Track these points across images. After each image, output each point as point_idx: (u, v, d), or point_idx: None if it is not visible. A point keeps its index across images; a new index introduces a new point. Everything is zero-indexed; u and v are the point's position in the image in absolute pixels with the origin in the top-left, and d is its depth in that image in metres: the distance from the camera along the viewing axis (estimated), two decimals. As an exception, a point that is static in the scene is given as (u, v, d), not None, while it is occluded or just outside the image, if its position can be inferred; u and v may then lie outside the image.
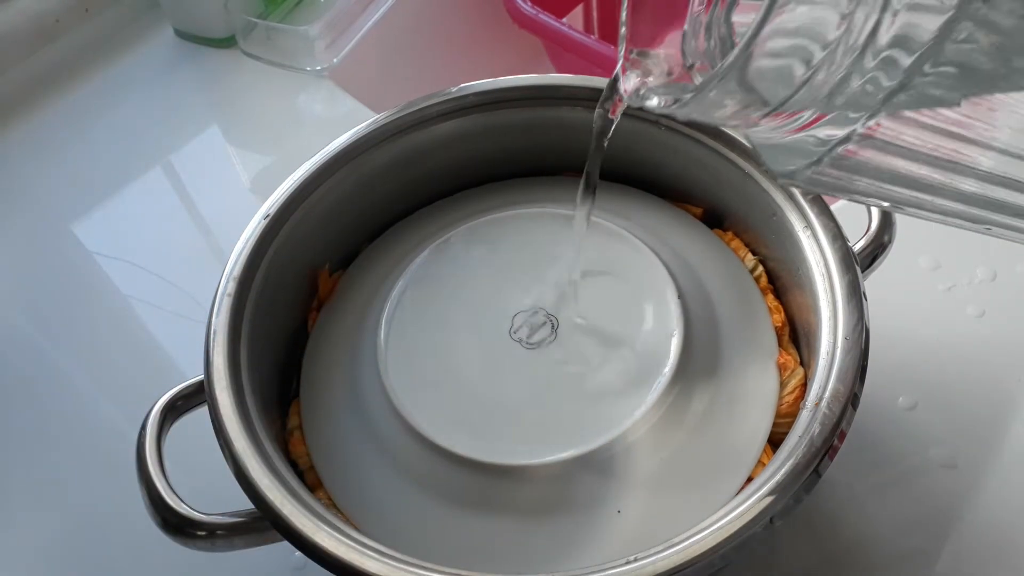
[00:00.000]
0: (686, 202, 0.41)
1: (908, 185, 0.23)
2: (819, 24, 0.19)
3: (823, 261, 0.33)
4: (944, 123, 0.21)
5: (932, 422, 0.41)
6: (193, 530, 0.30)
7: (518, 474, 0.32)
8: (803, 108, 0.21)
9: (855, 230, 0.36)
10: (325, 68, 0.61)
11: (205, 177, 0.58)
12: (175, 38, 0.66)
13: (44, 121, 0.61)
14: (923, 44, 0.19)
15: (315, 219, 0.39)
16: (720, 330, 0.36)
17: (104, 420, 0.46)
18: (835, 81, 0.20)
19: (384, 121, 0.40)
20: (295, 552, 0.28)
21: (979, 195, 0.23)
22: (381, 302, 0.38)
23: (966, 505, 0.39)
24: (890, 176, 0.23)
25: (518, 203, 0.41)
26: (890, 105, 0.20)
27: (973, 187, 0.23)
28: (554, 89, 0.40)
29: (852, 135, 0.21)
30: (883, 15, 0.19)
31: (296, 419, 0.36)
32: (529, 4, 0.60)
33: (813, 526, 0.38)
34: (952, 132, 0.21)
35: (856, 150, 0.22)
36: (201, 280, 0.45)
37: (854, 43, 0.19)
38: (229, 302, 0.34)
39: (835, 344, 0.31)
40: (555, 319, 0.36)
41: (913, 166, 0.22)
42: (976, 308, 0.45)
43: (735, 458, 0.33)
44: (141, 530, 0.32)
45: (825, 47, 0.20)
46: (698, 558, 0.26)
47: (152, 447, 0.32)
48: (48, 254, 0.54)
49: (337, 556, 0.27)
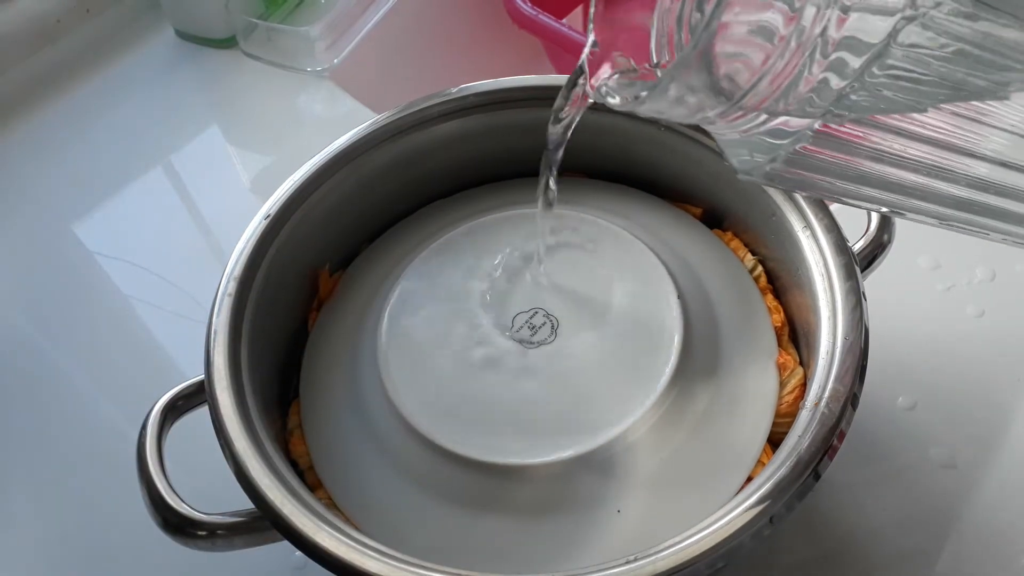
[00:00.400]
0: (685, 202, 0.41)
1: (867, 183, 0.23)
2: (770, 22, 0.19)
3: (822, 261, 0.33)
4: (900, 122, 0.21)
5: (931, 422, 0.41)
6: (193, 530, 0.30)
7: (518, 474, 0.32)
8: (756, 107, 0.21)
9: (855, 230, 0.36)
10: (325, 69, 0.61)
11: (205, 177, 0.58)
12: (176, 38, 0.66)
13: (44, 121, 0.61)
14: (872, 46, 0.19)
15: (315, 219, 0.39)
16: (720, 330, 0.36)
17: (104, 420, 0.46)
18: (786, 82, 0.20)
19: (384, 121, 0.40)
20: (295, 552, 0.28)
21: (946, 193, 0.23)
22: (381, 302, 0.38)
23: (966, 505, 0.39)
24: (848, 173, 0.23)
25: (518, 203, 0.41)
26: (842, 106, 0.20)
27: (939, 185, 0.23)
28: (554, 90, 0.40)
29: (804, 133, 0.22)
30: (831, 12, 0.19)
31: (296, 419, 0.36)
32: (529, 5, 0.60)
33: (813, 526, 0.38)
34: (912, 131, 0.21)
35: (812, 148, 0.22)
36: (201, 280, 0.45)
37: (804, 41, 0.19)
38: (230, 302, 0.34)
39: (835, 344, 0.31)
40: (555, 319, 0.36)
41: (874, 165, 0.22)
42: (975, 308, 0.45)
43: (735, 458, 0.33)
44: (141, 530, 0.32)
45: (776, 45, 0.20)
46: (698, 558, 0.26)
47: (152, 447, 0.32)
48: (48, 254, 0.54)
49: (337, 556, 0.27)
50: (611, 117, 0.40)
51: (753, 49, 0.20)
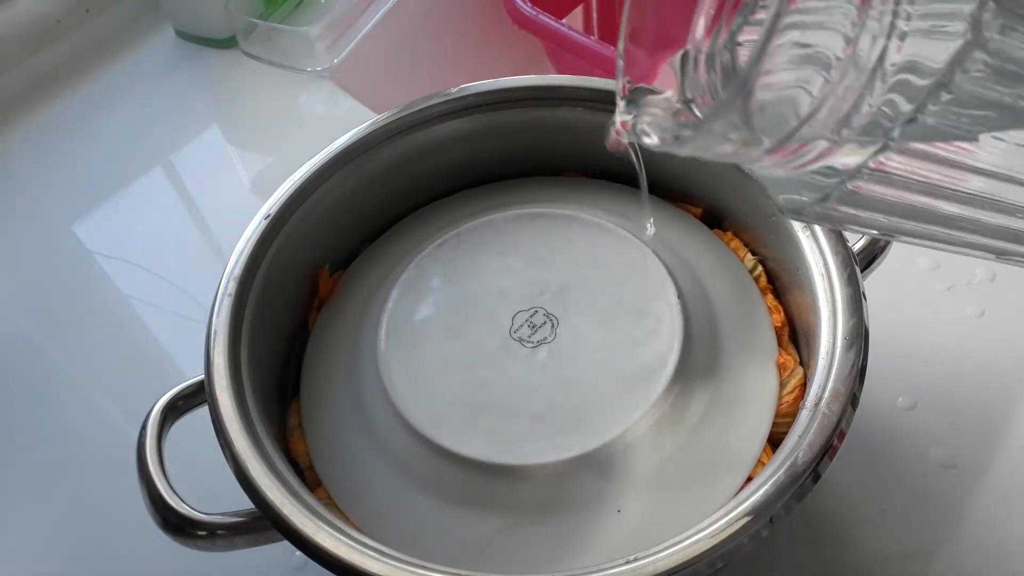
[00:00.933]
0: (686, 202, 0.41)
1: (924, 219, 0.22)
2: (823, 51, 0.19)
3: (822, 261, 0.33)
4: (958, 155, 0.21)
5: (932, 422, 0.41)
6: (193, 530, 0.30)
7: (518, 474, 0.32)
8: (809, 141, 0.20)
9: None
10: (326, 69, 0.61)
11: (206, 177, 0.58)
12: (176, 38, 0.66)
13: (44, 121, 0.61)
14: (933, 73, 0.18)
15: (316, 219, 0.39)
16: (720, 330, 0.36)
17: (104, 420, 0.46)
18: (842, 114, 0.19)
19: (385, 121, 0.40)
20: (295, 552, 0.28)
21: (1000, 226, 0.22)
22: (381, 302, 0.38)
23: (966, 505, 0.39)
24: (904, 210, 0.22)
25: (518, 203, 0.41)
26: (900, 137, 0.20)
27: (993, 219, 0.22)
28: (554, 89, 0.40)
29: (862, 169, 0.21)
30: (889, 41, 0.18)
31: (296, 419, 0.36)
32: (529, 5, 0.60)
33: (813, 526, 0.38)
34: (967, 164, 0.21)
35: (866, 185, 0.21)
36: (201, 280, 0.45)
37: (861, 69, 0.19)
38: (230, 302, 0.34)
39: (835, 344, 0.31)
40: (555, 318, 0.36)
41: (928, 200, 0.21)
42: (975, 308, 0.45)
43: (735, 458, 0.33)
44: (141, 530, 0.32)
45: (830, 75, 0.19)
46: (698, 558, 0.26)
47: (152, 447, 0.32)
48: (48, 254, 0.54)
49: (337, 556, 0.27)
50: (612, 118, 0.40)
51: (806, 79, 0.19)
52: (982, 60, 0.18)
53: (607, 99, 0.40)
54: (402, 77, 0.67)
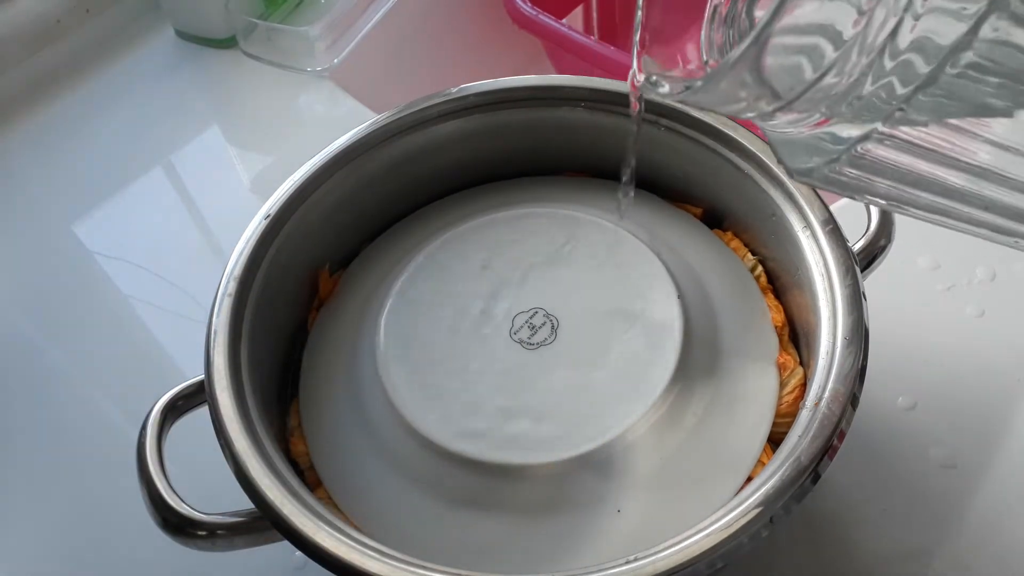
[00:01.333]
0: (686, 202, 0.41)
1: (933, 190, 0.22)
2: (835, 21, 0.19)
3: (822, 261, 0.33)
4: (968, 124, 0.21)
5: (932, 422, 0.41)
6: (193, 530, 0.30)
7: (518, 474, 0.32)
8: (816, 106, 0.21)
9: (854, 230, 0.36)
10: (326, 69, 0.61)
11: (205, 177, 0.58)
12: (176, 38, 0.66)
13: (44, 121, 0.61)
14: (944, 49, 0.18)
15: (315, 219, 0.39)
16: (720, 330, 0.36)
17: (104, 420, 0.46)
18: (850, 81, 0.19)
19: (384, 121, 0.40)
20: (295, 552, 0.28)
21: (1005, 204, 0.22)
22: (381, 302, 0.38)
23: (966, 505, 0.39)
24: (914, 179, 0.22)
25: (518, 203, 0.41)
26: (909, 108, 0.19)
27: (1002, 195, 0.22)
28: (554, 89, 0.40)
29: (872, 133, 0.21)
30: (904, 16, 0.18)
31: (296, 419, 0.36)
32: (529, 5, 0.60)
33: (813, 526, 0.38)
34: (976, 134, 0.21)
35: (876, 149, 0.21)
36: (201, 280, 0.45)
37: (871, 44, 0.19)
38: (230, 302, 0.34)
39: (835, 344, 0.31)
40: (555, 319, 0.36)
41: (939, 169, 0.21)
42: (975, 308, 0.45)
43: (735, 458, 0.33)
44: (141, 530, 0.32)
45: (839, 45, 0.19)
46: (698, 558, 0.26)
47: (152, 447, 0.32)
48: (48, 254, 0.54)
49: (337, 556, 0.27)
50: (612, 118, 0.40)
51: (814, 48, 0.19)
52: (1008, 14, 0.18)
53: (607, 99, 0.40)
54: (402, 77, 0.67)
